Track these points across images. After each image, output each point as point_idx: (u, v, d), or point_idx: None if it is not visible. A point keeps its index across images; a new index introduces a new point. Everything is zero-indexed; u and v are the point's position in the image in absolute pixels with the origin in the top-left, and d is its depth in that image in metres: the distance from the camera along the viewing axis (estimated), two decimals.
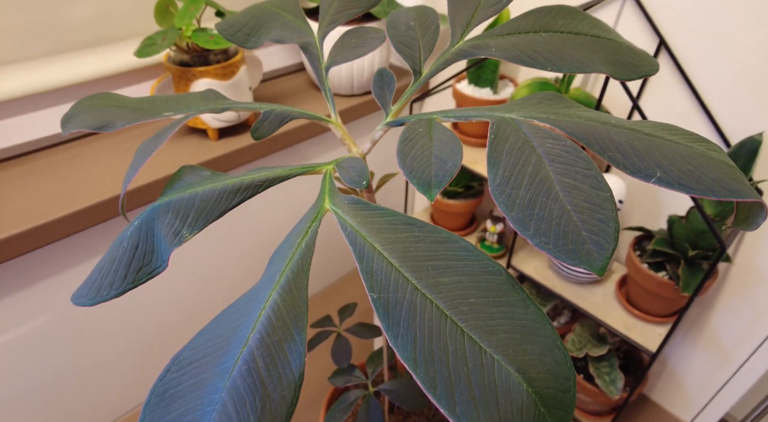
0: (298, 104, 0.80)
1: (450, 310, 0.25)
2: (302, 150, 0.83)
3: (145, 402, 0.25)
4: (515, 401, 0.23)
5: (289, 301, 0.25)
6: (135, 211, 0.64)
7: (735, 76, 0.58)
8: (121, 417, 0.81)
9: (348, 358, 0.52)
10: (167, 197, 0.31)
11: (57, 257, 0.61)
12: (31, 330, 0.63)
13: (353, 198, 0.29)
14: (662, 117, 0.66)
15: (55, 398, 0.70)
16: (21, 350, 0.63)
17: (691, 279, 0.59)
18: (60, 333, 0.66)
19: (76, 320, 0.67)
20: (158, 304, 0.76)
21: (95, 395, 0.75)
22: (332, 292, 1.05)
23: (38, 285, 0.61)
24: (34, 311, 0.62)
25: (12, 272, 0.59)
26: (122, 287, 0.31)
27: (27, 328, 0.62)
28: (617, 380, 0.73)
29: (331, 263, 1.04)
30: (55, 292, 0.63)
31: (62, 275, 0.63)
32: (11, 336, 0.61)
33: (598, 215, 0.23)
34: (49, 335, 0.65)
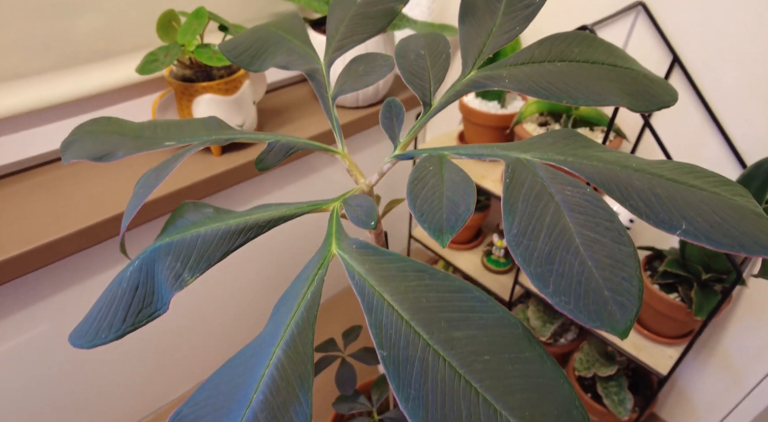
0: (303, 117, 0.79)
1: (463, 368, 0.24)
2: (309, 162, 0.82)
3: None
4: None
5: (294, 358, 0.24)
6: (134, 230, 0.63)
7: (751, 94, 0.56)
8: None
9: (353, 385, 0.51)
10: (168, 238, 0.30)
11: (57, 277, 0.60)
12: (29, 350, 0.62)
13: (361, 242, 0.28)
14: (675, 135, 0.64)
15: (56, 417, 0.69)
16: (18, 368, 0.62)
17: (704, 303, 0.58)
18: (60, 351, 0.65)
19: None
20: (162, 324, 0.75)
21: (96, 414, 0.74)
22: (335, 305, 1.04)
23: (36, 305, 0.60)
24: (33, 330, 0.61)
25: (11, 293, 0.58)
26: (122, 329, 0.29)
27: (24, 348, 0.62)
28: (626, 400, 0.71)
29: (331, 274, 1.03)
30: (55, 312, 0.62)
31: (58, 296, 0.62)
32: (8, 357, 0.61)
33: (621, 272, 0.22)
34: (49, 354, 0.64)
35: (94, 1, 0.62)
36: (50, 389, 0.66)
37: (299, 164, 0.81)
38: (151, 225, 0.65)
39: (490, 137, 0.75)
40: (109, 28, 0.65)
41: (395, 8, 0.38)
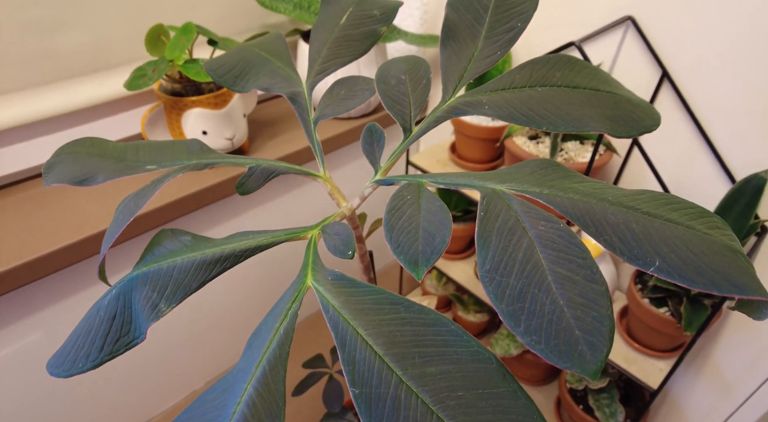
0: (294, 129, 0.79)
1: (436, 405, 0.23)
2: (295, 178, 0.82)
3: None
4: None
5: (265, 396, 0.24)
6: (116, 248, 0.63)
7: (740, 109, 0.56)
8: None
9: (340, 402, 0.51)
10: (145, 267, 0.30)
11: (46, 292, 0.60)
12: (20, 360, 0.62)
13: (337, 274, 0.28)
14: (665, 150, 0.64)
15: None
16: (11, 376, 0.62)
17: (693, 318, 0.58)
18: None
19: None
20: (143, 347, 0.75)
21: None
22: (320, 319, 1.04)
23: (27, 319, 0.60)
24: (24, 342, 0.61)
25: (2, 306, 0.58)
26: (99, 358, 0.29)
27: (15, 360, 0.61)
28: (617, 413, 0.71)
29: None
30: (46, 325, 0.62)
31: (47, 310, 0.62)
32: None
33: (593, 312, 0.22)
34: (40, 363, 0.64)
35: (82, 17, 0.62)
36: (40, 400, 0.66)
37: (288, 178, 0.81)
38: (134, 241, 0.65)
39: (480, 149, 0.75)
40: (97, 42, 0.65)
41: (378, 30, 0.38)
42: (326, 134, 0.79)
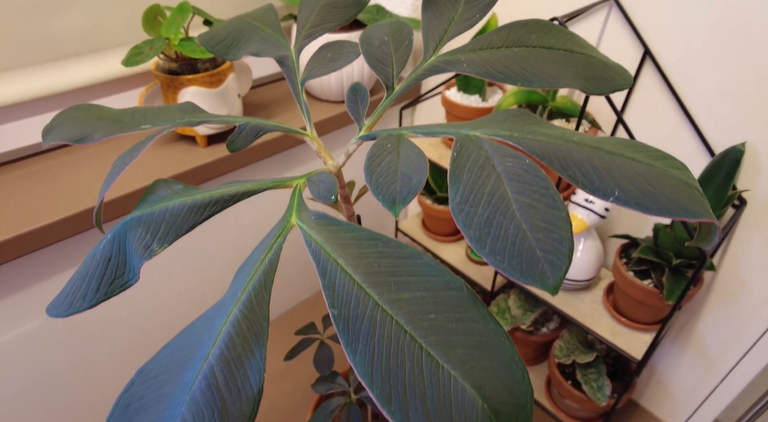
0: (287, 111, 0.81)
1: (409, 325, 0.25)
2: (295, 154, 0.84)
3: (109, 415, 0.25)
4: (470, 417, 0.23)
5: (250, 317, 0.25)
6: (120, 218, 0.65)
7: (720, 86, 0.58)
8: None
9: (330, 365, 0.53)
10: (139, 211, 0.32)
11: (44, 264, 0.62)
12: (23, 334, 0.64)
13: (320, 214, 0.29)
14: (648, 128, 0.66)
15: (48, 400, 0.70)
16: (12, 353, 0.64)
17: (675, 287, 0.59)
18: (51, 337, 0.66)
19: (66, 325, 0.68)
20: (135, 313, 0.76)
21: (89, 397, 0.75)
22: (319, 300, 1.05)
23: (25, 291, 0.62)
24: (22, 316, 0.63)
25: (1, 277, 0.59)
26: (95, 299, 0.31)
27: (18, 332, 0.63)
28: (604, 387, 0.73)
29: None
30: (42, 299, 0.64)
31: (48, 281, 0.64)
32: (3, 339, 0.62)
33: (554, 234, 0.24)
34: (40, 339, 0.65)
35: None
36: (41, 377, 0.68)
37: (284, 157, 0.83)
38: None
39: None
40: (95, 25, 0.67)
41: None
42: (320, 116, 0.81)
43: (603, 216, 0.67)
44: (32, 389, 0.68)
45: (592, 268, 0.71)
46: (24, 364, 0.65)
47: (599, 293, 0.75)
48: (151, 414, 0.24)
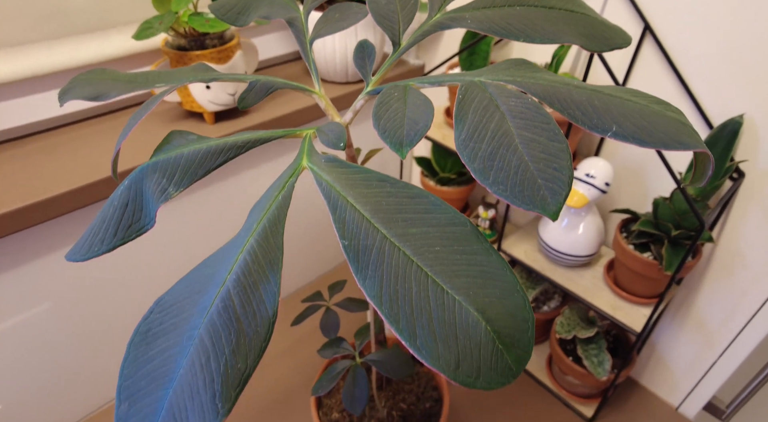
0: (294, 92, 0.82)
1: (416, 256, 0.26)
2: None
3: (129, 341, 0.27)
4: (474, 337, 0.25)
5: (265, 247, 0.27)
6: None
7: (719, 60, 0.59)
8: None
9: (336, 330, 0.54)
10: (155, 158, 0.33)
11: (57, 233, 0.63)
12: (33, 304, 0.65)
13: (330, 157, 0.30)
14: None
15: (56, 373, 0.72)
16: (22, 323, 0.65)
17: (673, 258, 0.61)
18: (61, 307, 0.68)
19: (78, 291, 0.69)
20: (151, 279, 0.78)
21: (96, 370, 0.77)
22: (327, 279, 1.07)
23: (40, 260, 0.63)
24: (37, 285, 0.64)
25: (14, 247, 0.60)
26: (112, 243, 0.32)
27: (29, 302, 0.64)
28: (605, 361, 0.74)
29: (328, 251, 1.06)
30: (56, 267, 0.65)
31: (62, 250, 0.65)
32: (14, 308, 0.63)
33: (554, 164, 0.25)
34: (49, 309, 0.67)
35: None
36: (49, 351, 0.69)
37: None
38: None
39: None
40: (106, 1, 0.68)
41: None
42: (330, 94, 0.82)
43: (604, 191, 0.68)
44: (42, 361, 0.69)
45: (593, 244, 0.72)
46: (34, 341, 0.67)
47: (600, 270, 0.76)
48: (170, 337, 0.26)
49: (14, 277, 0.62)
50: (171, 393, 0.24)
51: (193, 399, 0.23)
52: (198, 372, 0.24)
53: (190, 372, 0.24)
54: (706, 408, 0.82)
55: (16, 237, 0.60)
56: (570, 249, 0.73)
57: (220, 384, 0.23)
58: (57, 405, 0.74)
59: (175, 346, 0.25)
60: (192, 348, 0.24)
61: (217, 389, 0.23)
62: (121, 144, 0.34)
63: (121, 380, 0.26)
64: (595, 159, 0.69)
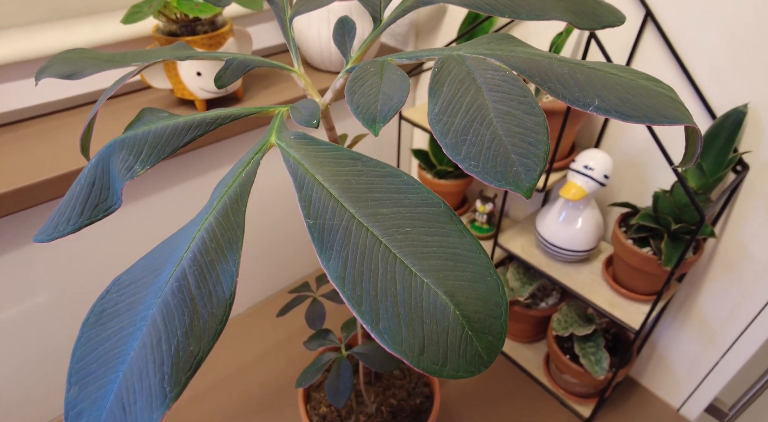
0: (286, 81, 0.81)
1: (385, 237, 0.25)
2: (291, 124, 0.84)
3: (83, 321, 0.25)
4: (441, 322, 0.23)
5: (225, 225, 0.25)
6: None
7: (722, 48, 0.57)
8: None
9: (321, 321, 0.53)
10: (123, 135, 0.32)
11: (39, 218, 0.63)
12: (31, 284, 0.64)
13: (299, 133, 0.29)
14: None
15: (49, 362, 0.71)
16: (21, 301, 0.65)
17: (673, 253, 0.59)
18: (54, 294, 0.67)
19: (76, 277, 0.68)
20: None
21: None
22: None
23: (29, 245, 0.63)
24: (31, 265, 0.64)
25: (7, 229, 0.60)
26: (78, 222, 0.31)
27: (26, 281, 0.64)
28: (602, 360, 0.72)
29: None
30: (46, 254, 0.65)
31: None
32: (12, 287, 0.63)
33: (529, 138, 0.23)
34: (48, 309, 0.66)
35: None
36: (48, 336, 0.69)
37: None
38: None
39: None
40: None
41: None
42: (320, 85, 0.80)
43: (602, 184, 0.66)
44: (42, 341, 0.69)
45: (592, 239, 0.71)
46: (30, 335, 0.66)
47: (598, 266, 0.74)
48: (124, 318, 0.24)
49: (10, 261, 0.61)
50: (121, 377, 0.23)
51: (141, 382, 0.22)
52: (148, 353, 0.22)
53: (141, 354, 0.23)
54: (708, 410, 0.80)
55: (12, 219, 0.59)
56: (568, 244, 0.71)
57: (170, 367, 0.22)
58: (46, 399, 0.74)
59: (129, 327, 0.24)
60: (144, 329, 0.23)
61: (166, 371, 0.22)
62: (92, 120, 0.33)
63: (73, 362, 0.24)
64: (593, 151, 0.67)
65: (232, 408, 0.78)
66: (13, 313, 0.64)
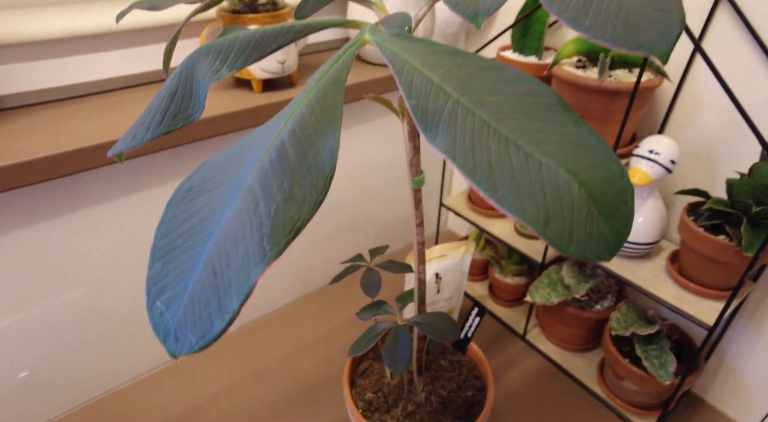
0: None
1: (494, 122, 0.23)
2: (358, 110, 0.84)
3: (168, 201, 0.24)
4: (565, 197, 0.21)
5: (324, 103, 0.24)
6: (175, 149, 0.65)
7: None
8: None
9: (377, 288, 0.50)
10: (208, 44, 0.31)
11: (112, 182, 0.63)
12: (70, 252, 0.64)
13: (394, 31, 0.28)
14: (724, 65, 0.62)
15: (85, 340, 0.70)
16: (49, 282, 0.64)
17: (755, 238, 0.54)
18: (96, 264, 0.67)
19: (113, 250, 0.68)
20: None
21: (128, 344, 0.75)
22: None
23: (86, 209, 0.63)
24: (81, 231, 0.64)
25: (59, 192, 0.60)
26: (157, 131, 0.30)
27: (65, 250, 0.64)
28: (668, 363, 0.66)
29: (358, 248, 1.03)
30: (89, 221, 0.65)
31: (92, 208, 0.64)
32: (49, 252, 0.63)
33: (661, 5, 0.22)
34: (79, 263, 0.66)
35: None
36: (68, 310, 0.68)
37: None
38: (192, 146, 0.68)
39: None
40: None
41: None
42: (373, 76, 0.81)
43: (669, 169, 0.62)
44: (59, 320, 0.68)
45: (655, 231, 0.67)
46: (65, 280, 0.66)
47: (661, 262, 0.70)
48: (214, 193, 0.23)
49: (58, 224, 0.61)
50: (211, 246, 0.21)
51: (237, 245, 0.20)
52: (245, 218, 0.21)
53: (236, 220, 0.21)
54: None
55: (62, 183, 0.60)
56: (629, 237, 0.67)
57: (269, 228, 0.20)
58: (81, 375, 0.72)
59: (219, 200, 0.22)
60: (239, 198, 0.22)
61: (265, 232, 0.20)
62: (176, 34, 0.33)
63: (157, 239, 0.23)
64: (658, 136, 0.64)
65: (271, 401, 0.75)
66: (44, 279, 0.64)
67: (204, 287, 0.20)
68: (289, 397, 0.75)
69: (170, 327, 0.20)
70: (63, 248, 0.63)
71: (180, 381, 0.78)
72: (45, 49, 0.64)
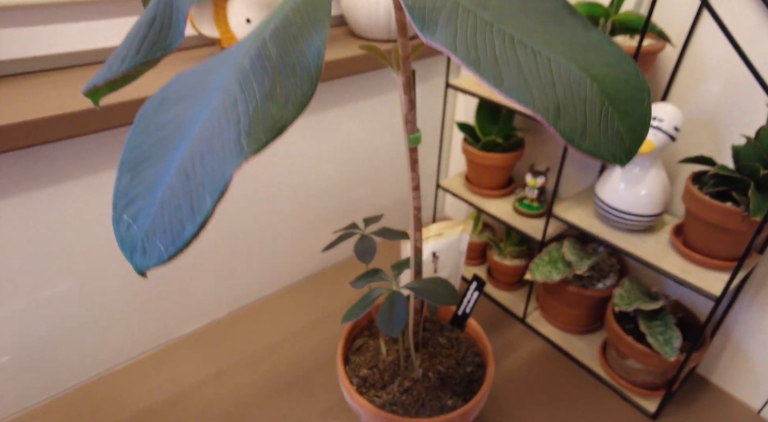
0: (337, 52, 0.80)
1: (497, 23, 0.21)
2: (359, 84, 0.82)
3: (138, 113, 0.22)
4: (577, 92, 0.19)
5: (310, 5, 0.22)
6: None
7: None
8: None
9: (372, 254, 0.48)
10: None
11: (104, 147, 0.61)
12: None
13: None
14: (730, 26, 0.60)
15: (67, 325, 0.67)
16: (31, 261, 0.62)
17: (763, 202, 0.52)
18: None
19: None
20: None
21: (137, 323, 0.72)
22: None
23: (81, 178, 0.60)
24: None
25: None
26: (134, 61, 0.28)
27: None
28: (673, 339, 0.64)
29: None
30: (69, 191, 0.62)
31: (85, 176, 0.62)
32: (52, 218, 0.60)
33: None
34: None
35: None
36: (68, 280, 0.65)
37: (349, 83, 0.81)
38: None
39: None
40: None
41: None
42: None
43: (672, 137, 0.61)
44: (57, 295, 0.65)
45: (658, 202, 0.65)
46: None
47: (664, 236, 0.68)
48: (189, 100, 0.21)
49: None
50: (183, 150, 0.19)
51: (212, 144, 0.18)
52: (221, 116, 0.19)
53: (211, 119, 0.19)
54: None
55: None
56: (632, 207, 0.65)
57: (247, 125, 0.18)
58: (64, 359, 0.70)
59: (195, 106, 0.20)
60: (215, 99, 0.20)
61: (243, 128, 0.18)
62: None
63: (125, 152, 0.21)
64: (662, 103, 0.62)
65: (263, 386, 0.72)
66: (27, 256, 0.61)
67: (175, 191, 0.18)
68: (279, 383, 0.73)
69: (137, 239, 0.18)
70: (45, 228, 0.60)
71: (167, 368, 0.76)
72: (35, 14, 0.62)
